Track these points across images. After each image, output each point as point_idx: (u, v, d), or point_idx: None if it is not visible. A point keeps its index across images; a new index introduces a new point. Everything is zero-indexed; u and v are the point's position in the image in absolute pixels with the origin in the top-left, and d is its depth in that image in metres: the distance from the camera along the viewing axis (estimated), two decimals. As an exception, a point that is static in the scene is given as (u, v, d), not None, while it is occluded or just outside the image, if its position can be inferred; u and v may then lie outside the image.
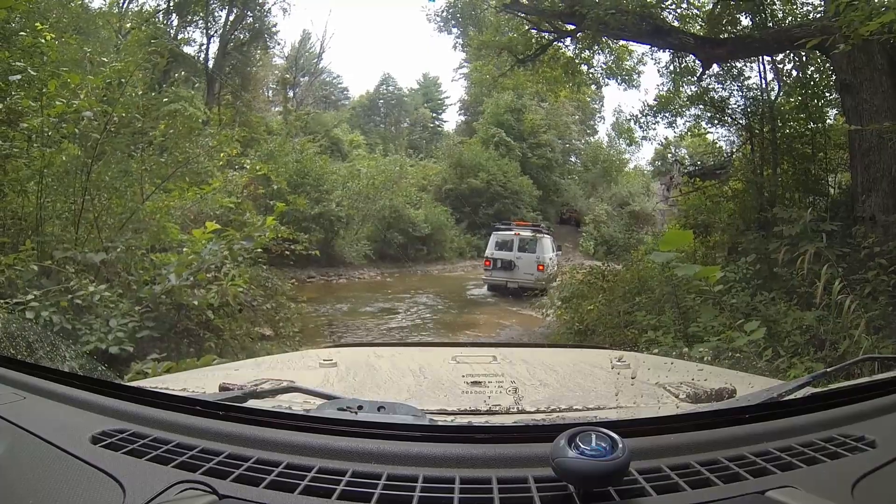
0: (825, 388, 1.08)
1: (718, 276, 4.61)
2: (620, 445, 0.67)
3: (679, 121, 11.41)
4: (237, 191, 10.11)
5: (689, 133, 11.88)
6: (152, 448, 0.79)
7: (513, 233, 15.04)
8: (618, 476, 0.67)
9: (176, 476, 0.72)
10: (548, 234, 16.28)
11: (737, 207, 9.20)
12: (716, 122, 10.83)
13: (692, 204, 10.46)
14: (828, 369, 1.18)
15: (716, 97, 10.39)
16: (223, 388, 1.16)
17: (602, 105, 33.66)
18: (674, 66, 11.02)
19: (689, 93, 10.92)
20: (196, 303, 4.68)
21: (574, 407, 1.18)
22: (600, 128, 34.94)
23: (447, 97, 37.35)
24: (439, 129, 36.15)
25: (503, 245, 14.90)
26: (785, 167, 8.79)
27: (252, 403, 1.01)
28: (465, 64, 31.01)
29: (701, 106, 10.66)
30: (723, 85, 10.34)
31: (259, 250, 5.99)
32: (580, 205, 29.10)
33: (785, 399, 0.98)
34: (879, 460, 0.77)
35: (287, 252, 7.29)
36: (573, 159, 32.70)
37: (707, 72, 10.00)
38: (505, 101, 27.04)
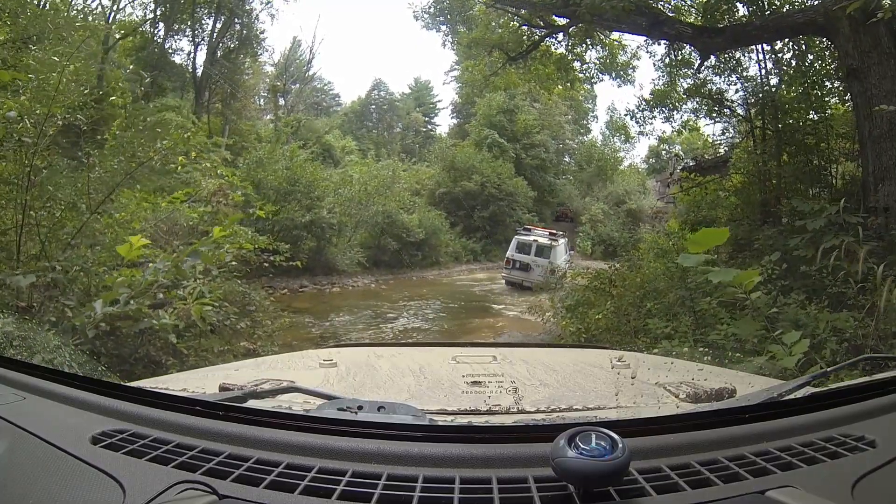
0: (825, 388, 1.09)
1: (756, 280, 4.10)
2: (620, 445, 0.67)
3: (676, 115, 11.21)
4: (208, 199, 9.22)
5: (686, 127, 11.58)
6: (152, 448, 0.79)
7: (532, 238, 16.60)
8: (618, 476, 0.67)
9: (176, 476, 0.72)
10: (563, 237, 17.74)
11: (739, 202, 8.85)
12: (714, 114, 10.56)
13: (692, 200, 10.09)
14: (828, 369, 1.18)
15: (714, 89, 10.11)
16: (223, 389, 1.17)
17: (595, 104, 33.64)
18: (669, 59, 10.69)
19: (686, 86, 10.72)
20: (157, 326, 4.16)
21: (574, 407, 1.18)
22: (593, 127, 35.04)
23: (439, 101, 37.25)
24: (432, 132, 35.94)
25: (523, 248, 16.50)
26: (786, 159, 8.46)
27: (252, 403, 1.01)
28: (456, 67, 31.02)
29: (699, 99, 10.41)
30: (721, 77, 10.13)
31: (234, 263, 5.50)
32: (576, 204, 28.79)
33: (785, 399, 0.98)
34: (879, 460, 0.77)
35: (266, 263, 6.73)
36: (567, 159, 32.41)
37: (705, 62, 9.74)
38: (497, 102, 26.73)
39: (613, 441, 0.67)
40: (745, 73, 9.81)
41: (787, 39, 8.79)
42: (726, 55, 9.70)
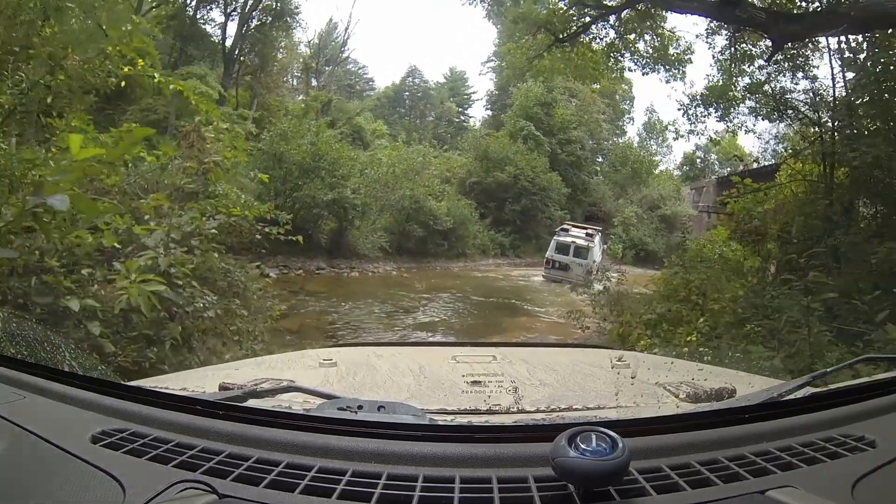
0: (825, 388, 1.09)
1: None
2: (620, 445, 0.67)
3: (732, 113, 10.09)
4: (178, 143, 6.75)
5: (742, 128, 10.39)
6: (152, 447, 0.79)
7: (570, 239, 17.57)
8: (618, 476, 0.67)
9: (176, 475, 0.72)
10: (598, 233, 18.55)
11: (797, 212, 7.68)
12: (775, 115, 9.36)
13: (743, 207, 8.84)
14: (828, 369, 1.18)
15: (777, 87, 9.09)
16: (223, 388, 1.17)
17: (632, 105, 33.41)
18: (731, 51, 9.59)
19: (745, 83, 9.67)
20: (75, 309, 3.05)
21: (574, 406, 1.18)
22: (629, 129, 34.28)
23: (474, 92, 36.88)
24: (465, 124, 35.44)
25: (561, 249, 17.51)
26: (847, 170, 7.36)
27: (252, 403, 1.01)
28: (493, 58, 30.77)
29: (758, 98, 9.39)
30: (785, 75, 9.13)
31: (214, 231, 4.59)
32: (609, 206, 27.89)
33: (785, 399, 0.98)
34: (879, 460, 0.77)
35: (259, 235, 5.51)
36: (600, 159, 31.68)
37: (778, 53, 8.60)
38: (535, 94, 26.06)
39: (614, 441, 0.67)
40: (812, 73, 8.84)
41: (883, 28, 7.65)
42: (793, 50, 8.85)
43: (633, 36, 10.82)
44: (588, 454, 0.66)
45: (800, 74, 9.07)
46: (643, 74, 11.48)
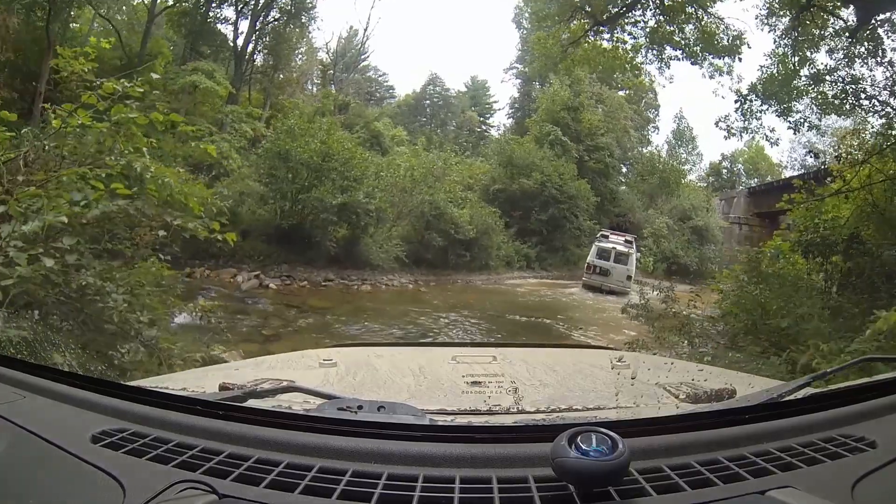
0: (825, 389, 1.09)
1: None
2: (620, 446, 0.67)
3: (790, 109, 8.96)
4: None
5: (806, 123, 9.08)
6: (152, 448, 0.79)
7: (611, 245, 18.14)
8: (618, 476, 0.67)
9: (176, 476, 0.72)
10: (635, 240, 19.29)
11: (874, 218, 6.69)
12: (847, 107, 8.36)
13: (803, 215, 7.62)
14: (828, 370, 1.18)
15: (846, 75, 8.16)
16: (223, 388, 1.17)
17: (657, 114, 32.89)
18: (796, 34, 8.59)
19: (808, 73, 8.73)
20: None
21: (574, 407, 1.18)
22: (655, 139, 33.56)
23: (495, 101, 36.35)
24: (486, 133, 34.77)
25: (602, 255, 18.02)
26: None
27: (252, 403, 1.01)
28: (516, 65, 30.70)
29: (827, 85, 8.33)
30: (857, 61, 8.12)
31: (61, 224, 2.89)
32: (638, 216, 26.29)
33: (785, 399, 0.98)
34: (879, 460, 0.77)
35: (163, 232, 3.69)
36: (624, 169, 30.57)
37: (862, 29, 7.55)
38: (561, 98, 25.12)
39: (614, 441, 0.67)
40: (889, 57, 7.82)
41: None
42: (868, 31, 7.79)
43: (674, 26, 9.86)
44: (588, 454, 0.66)
45: (872, 62, 8.02)
46: (692, 64, 10.39)
